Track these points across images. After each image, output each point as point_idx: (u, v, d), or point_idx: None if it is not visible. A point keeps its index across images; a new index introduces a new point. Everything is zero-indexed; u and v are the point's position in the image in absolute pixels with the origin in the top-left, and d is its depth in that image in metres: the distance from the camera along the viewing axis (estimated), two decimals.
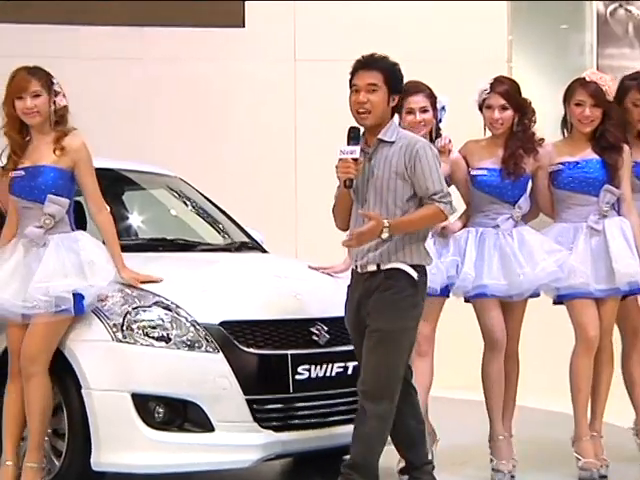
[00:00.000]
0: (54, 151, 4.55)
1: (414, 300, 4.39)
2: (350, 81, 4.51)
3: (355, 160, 4.34)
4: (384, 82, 4.44)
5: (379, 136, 4.45)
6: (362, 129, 4.46)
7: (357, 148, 4.35)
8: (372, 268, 4.39)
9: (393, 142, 4.44)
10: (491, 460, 5.11)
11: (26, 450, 4.57)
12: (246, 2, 8.37)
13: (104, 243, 4.67)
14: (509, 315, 5.16)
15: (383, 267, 4.38)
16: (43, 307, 4.41)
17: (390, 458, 4.80)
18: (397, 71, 4.50)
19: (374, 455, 4.36)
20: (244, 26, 8.33)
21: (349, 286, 4.53)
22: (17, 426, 4.57)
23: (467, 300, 5.19)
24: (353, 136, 4.40)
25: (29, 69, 4.59)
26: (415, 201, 4.43)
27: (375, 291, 4.37)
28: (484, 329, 5.13)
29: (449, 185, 5.19)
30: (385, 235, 4.30)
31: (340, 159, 4.37)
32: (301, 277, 5.18)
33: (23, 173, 4.57)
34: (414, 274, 4.38)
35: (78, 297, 4.47)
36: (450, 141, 5.17)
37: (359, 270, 4.43)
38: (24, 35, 7.95)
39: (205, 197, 6.03)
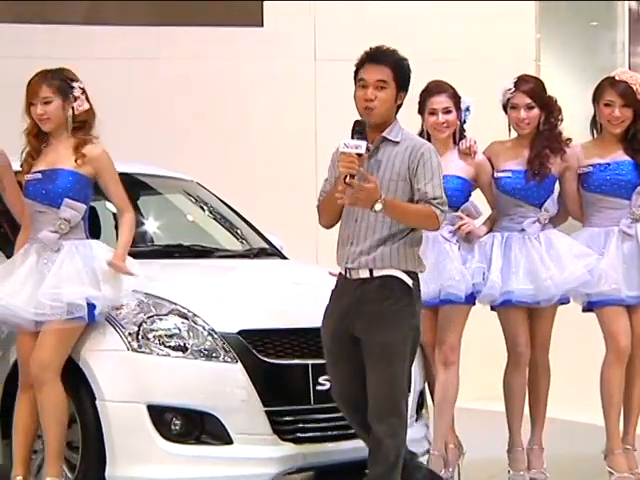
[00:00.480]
0: (75, 160, 4.52)
1: (412, 309, 4.30)
2: (356, 74, 4.39)
3: (359, 155, 4.20)
4: (393, 79, 4.33)
5: (384, 134, 4.35)
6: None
7: (363, 143, 4.18)
8: (364, 274, 4.28)
9: (398, 142, 4.35)
10: (508, 471, 5.08)
11: (40, 464, 4.54)
12: (265, 1, 8.35)
13: None
14: (537, 323, 5.11)
15: (376, 274, 4.27)
16: (55, 314, 4.38)
17: None
18: (406, 67, 4.39)
19: (394, 473, 4.29)
20: (263, 25, 8.32)
21: (333, 291, 4.41)
22: (27, 439, 4.54)
23: (493, 308, 5.12)
24: (358, 130, 4.25)
25: (44, 74, 4.55)
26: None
27: (369, 300, 4.26)
28: (508, 341, 5.10)
29: (474, 188, 5.17)
30: (378, 207, 4.12)
31: (343, 153, 4.18)
32: (322, 284, 5.10)
33: (40, 176, 4.55)
34: (409, 281, 4.28)
35: (90, 306, 4.44)
36: (475, 142, 5.11)
37: (349, 276, 4.32)
38: (41, 36, 7.97)
39: (223, 202, 5.99)
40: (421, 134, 5.12)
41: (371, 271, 4.26)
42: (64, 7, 8.16)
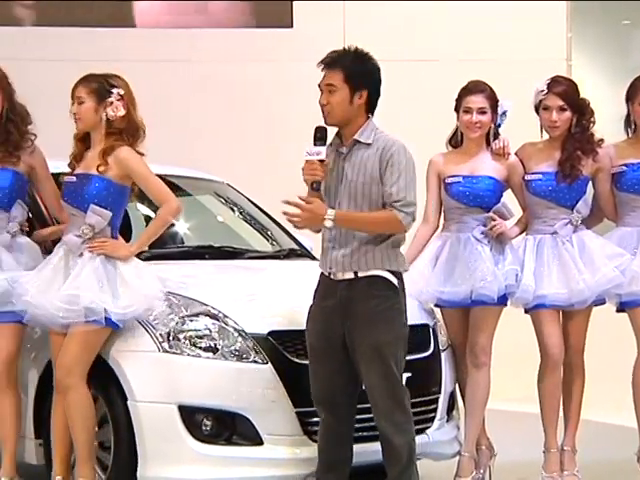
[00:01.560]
0: (97, 167, 4.55)
1: (399, 307, 4.35)
2: None
3: (322, 161, 4.27)
4: (344, 81, 4.36)
5: (355, 137, 4.37)
6: (329, 129, 4.38)
7: (323, 149, 4.28)
8: (349, 275, 4.32)
9: (370, 144, 4.37)
10: (541, 473, 5.08)
11: (73, 464, 4.58)
12: (294, 2, 8.37)
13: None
14: (571, 325, 5.11)
15: (361, 274, 4.31)
16: (72, 316, 4.42)
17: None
18: (363, 65, 4.41)
19: (410, 470, 4.34)
20: (292, 26, 8.34)
21: (316, 292, 4.44)
22: (65, 438, 4.56)
23: (526, 310, 5.12)
24: (320, 136, 4.33)
25: (86, 76, 4.61)
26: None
27: (356, 301, 4.30)
28: (541, 344, 5.09)
29: (506, 189, 5.17)
30: (328, 223, 4.21)
31: (306, 160, 4.29)
32: None
33: (74, 179, 4.60)
34: (395, 280, 4.32)
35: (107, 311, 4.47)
36: (508, 143, 5.11)
37: (333, 277, 4.35)
38: (69, 38, 8.04)
39: (253, 203, 6.01)
40: (455, 132, 5.15)
41: (356, 273, 4.31)
42: (93, 9, 8.23)
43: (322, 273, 4.42)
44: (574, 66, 8.38)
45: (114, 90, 4.59)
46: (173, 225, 5.10)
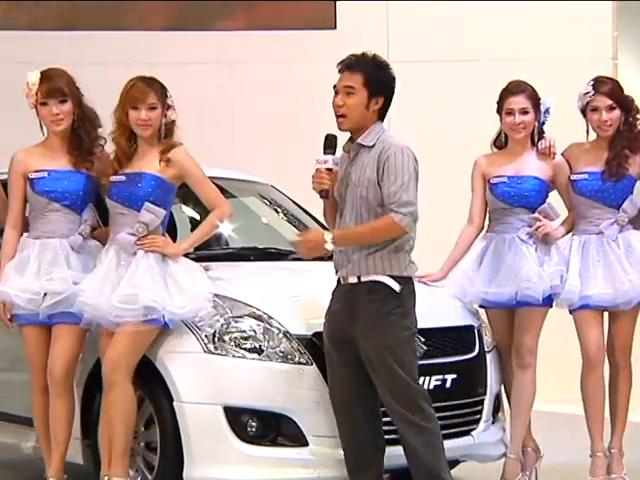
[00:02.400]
0: (159, 162, 4.60)
1: (402, 310, 4.35)
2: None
3: (329, 170, 4.27)
4: (363, 84, 4.36)
5: (358, 140, 4.39)
6: (338, 136, 4.40)
7: (330, 158, 4.32)
8: (352, 280, 4.36)
9: (371, 147, 4.37)
10: (588, 477, 5.04)
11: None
12: (337, 3, 8.37)
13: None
14: (617, 325, 5.07)
15: (364, 279, 4.34)
16: (130, 316, 4.44)
17: None
18: (381, 72, 4.41)
19: (441, 469, 4.31)
20: (336, 28, 8.34)
21: (333, 294, 4.47)
22: None
23: (571, 312, 5.08)
24: (329, 144, 4.36)
25: (147, 80, 4.63)
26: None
27: (359, 306, 4.33)
28: (581, 344, 5.06)
29: (551, 190, 5.13)
30: (329, 247, 4.29)
31: (316, 169, 4.35)
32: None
33: (124, 178, 4.62)
34: (396, 286, 4.32)
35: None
36: (554, 143, 5.07)
37: (342, 281, 4.40)
38: (115, 42, 8.10)
39: (297, 204, 6.02)
40: (499, 134, 5.13)
41: (359, 277, 4.34)
42: (143, 12, 8.29)
43: (338, 278, 4.47)
44: (620, 65, 8.31)
45: (168, 94, 4.66)
46: (218, 227, 5.11)
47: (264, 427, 4.50)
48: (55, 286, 4.58)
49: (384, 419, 4.49)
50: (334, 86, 4.41)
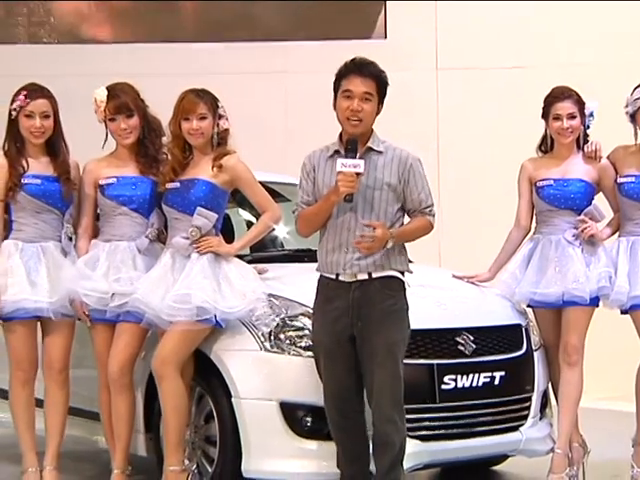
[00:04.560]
0: (212, 168, 4.67)
1: (407, 308, 4.38)
2: (337, 83, 4.39)
3: (358, 174, 4.24)
4: (377, 91, 4.37)
5: (369, 144, 4.39)
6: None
7: (361, 162, 4.25)
8: (363, 277, 4.32)
9: (381, 152, 4.38)
10: (632, 467, 5.01)
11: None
12: (388, 13, 8.38)
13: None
14: None
15: (375, 275, 4.31)
16: (184, 315, 4.49)
17: None
18: (386, 80, 4.43)
19: (400, 460, 4.33)
20: (386, 37, 8.35)
21: (318, 297, 4.41)
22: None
23: (623, 312, 5.05)
24: (351, 148, 4.30)
25: (198, 92, 4.69)
26: (401, 212, 4.40)
27: (370, 301, 4.29)
28: None
29: (597, 192, 5.11)
30: (390, 244, 4.27)
31: (341, 172, 4.23)
32: (446, 286, 5.14)
33: (178, 185, 4.69)
34: (406, 280, 4.36)
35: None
36: (600, 147, 5.06)
37: (344, 279, 4.33)
38: (172, 53, 8.17)
39: None
40: (544, 139, 5.12)
41: (370, 274, 4.32)
42: (190, 25, 8.37)
43: (322, 277, 4.41)
44: None
45: (219, 104, 4.73)
46: (273, 230, 5.16)
47: (318, 422, 4.50)
48: (122, 287, 4.65)
49: (458, 413, 4.56)
50: (346, 90, 4.34)
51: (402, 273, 4.41)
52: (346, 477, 4.42)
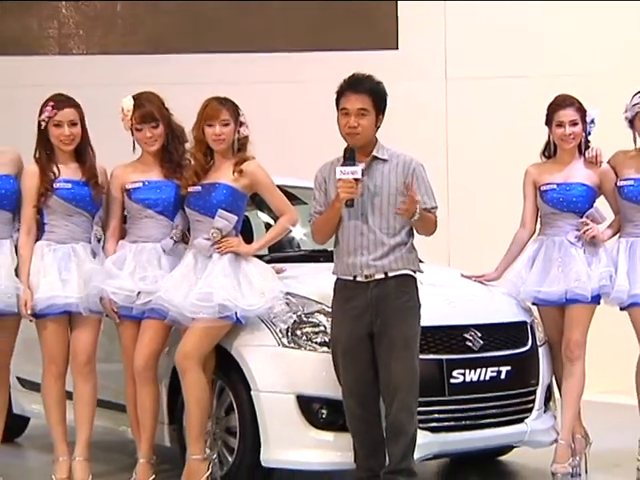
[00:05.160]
0: (233, 172, 4.69)
1: (420, 304, 4.42)
2: (337, 101, 4.45)
3: (357, 180, 4.27)
4: (372, 106, 4.39)
5: (374, 153, 4.42)
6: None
7: (359, 169, 4.29)
8: (380, 276, 4.35)
9: (386, 160, 4.41)
10: (638, 459, 4.99)
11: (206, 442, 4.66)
12: (400, 26, 8.38)
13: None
14: None
15: (391, 274, 4.35)
16: (206, 313, 4.51)
17: None
18: (382, 91, 4.44)
19: (414, 441, 4.36)
20: (398, 49, 8.35)
21: (336, 297, 4.42)
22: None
23: (622, 309, 5.04)
24: (349, 156, 4.34)
25: (220, 100, 4.72)
26: None
27: (387, 298, 4.33)
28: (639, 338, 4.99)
29: (598, 195, 5.11)
30: (417, 216, 4.30)
31: (340, 179, 4.28)
32: (454, 285, 5.15)
33: (200, 189, 4.71)
34: (418, 278, 4.39)
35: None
36: (600, 152, 5.06)
37: (362, 279, 4.36)
38: (202, 63, 8.21)
39: None
40: (547, 144, 5.12)
41: (386, 273, 4.35)
42: (218, 36, 8.40)
43: (340, 279, 4.44)
44: None
45: (241, 112, 4.75)
46: (291, 231, 5.17)
47: (333, 414, 4.51)
48: (147, 285, 4.67)
49: (467, 405, 4.59)
50: (343, 108, 4.40)
51: (414, 272, 4.43)
52: (363, 470, 4.42)
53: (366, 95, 4.40)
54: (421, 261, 4.56)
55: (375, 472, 4.40)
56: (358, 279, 4.38)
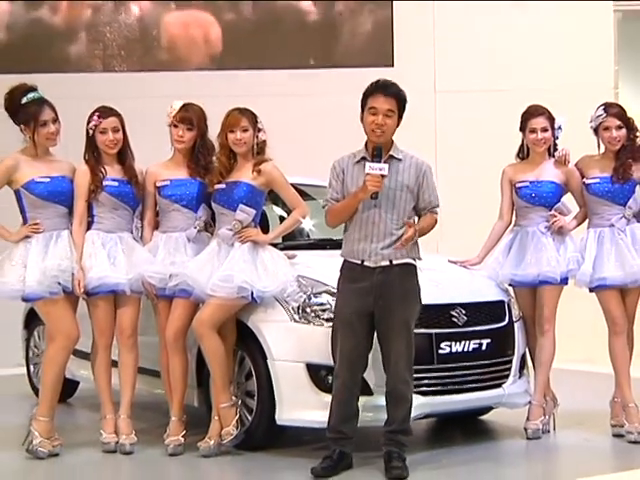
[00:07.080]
0: (252, 172, 4.69)
1: (419, 288, 4.38)
2: (364, 100, 4.34)
3: (383, 176, 4.23)
4: (397, 108, 4.33)
5: (391, 153, 4.37)
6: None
7: (386, 166, 4.24)
8: (385, 263, 4.30)
9: (401, 159, 4.37)
10: (612, 425, 4.92)
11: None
12: (395, 45, 8.36)
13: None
14: (626, 301, 4.99)
15: (395, 262, 4.30)
16: (225, 292, 4.51)
17: None
18: (405, 97, 4.38)
19: (411, 404, 4.34)
20: (393, 65, 8.31)
21: (343, 277, 4.37)
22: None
23: (591, 290, 5.01)
24: (377, 154, 4.29)
25: (240, 109, 4.73)
26: (414, 210, 4.39)
27: (391, 283, 4.28)
28: (608, 316, 4.98)
29: (565, 192, 5.08)
30: (415, 239, 4.31)
31: (369, 174, 4.23)
32: (443, 269, 5.13)
33: (224, 186, 4.71)
34: (419, 266, 4.36)
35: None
36: (568, 153, 5.05)
37: (370, 265, 4.30)
38: (222, 79, 8.19)
39: None
40: (521, 148, 5.11)
41: (391, 261, 4.30)
42: (239, 56, 8.40)
43: (348, 261, 4.37)
44: (620, 93, 8.24)
45: (258, 120, 4.74)
46: (301, 223, 5.16)
47: None
48: (176, 269, 4.68)
49: (452, 373, 4.57)
50: (372, 107, 4.30)
51: (415, 260, 4.40)
52: (336, 432, 4.33)
53: (394, 98, 4.33)
54: None
55: (345, 435, 4.33)
56: (366, 263, 4.33)
